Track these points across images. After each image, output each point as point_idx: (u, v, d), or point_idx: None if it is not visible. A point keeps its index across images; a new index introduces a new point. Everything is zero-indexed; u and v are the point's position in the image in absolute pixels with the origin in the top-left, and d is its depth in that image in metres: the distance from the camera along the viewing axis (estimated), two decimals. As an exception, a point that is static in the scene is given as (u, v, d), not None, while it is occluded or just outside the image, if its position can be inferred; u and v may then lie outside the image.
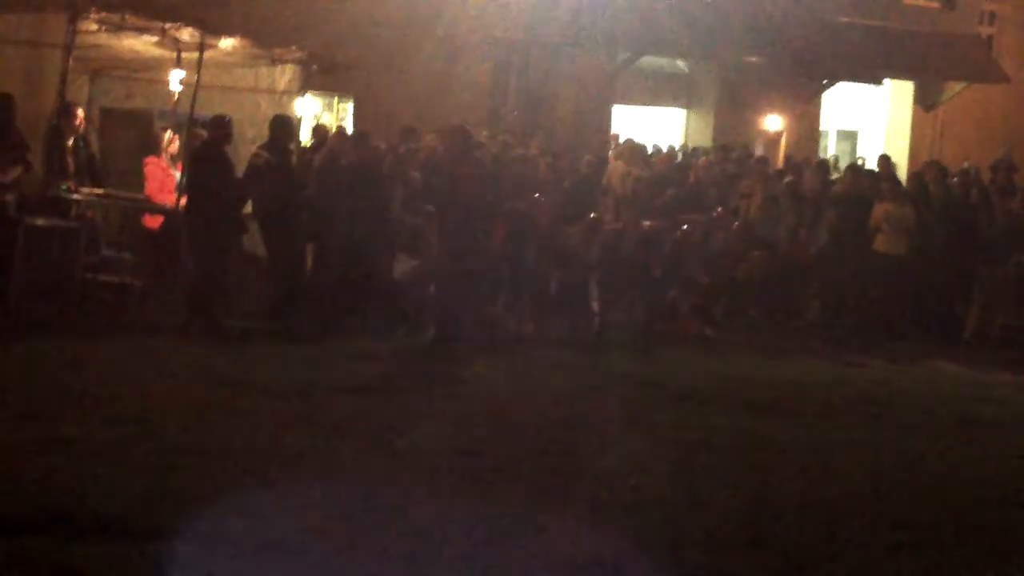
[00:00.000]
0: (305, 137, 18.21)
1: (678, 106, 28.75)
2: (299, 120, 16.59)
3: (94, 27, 14.02)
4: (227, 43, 14.92)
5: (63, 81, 13.86)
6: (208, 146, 13.98)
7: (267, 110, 14.96)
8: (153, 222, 15.09)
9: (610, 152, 21.19)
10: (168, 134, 15.66)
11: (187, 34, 14.49)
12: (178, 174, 15.30)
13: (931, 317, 17.25)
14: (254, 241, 14.47)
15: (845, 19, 28.34)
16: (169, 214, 14.61)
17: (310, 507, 7.26)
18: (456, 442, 9.09)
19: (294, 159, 15.14)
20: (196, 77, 14.82)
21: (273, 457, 8.31)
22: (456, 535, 6.94)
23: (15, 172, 13.31)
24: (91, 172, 14.67)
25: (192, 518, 6.82)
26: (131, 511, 6.88)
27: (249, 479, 7.74)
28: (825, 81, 28.31)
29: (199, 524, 6.75)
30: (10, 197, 13.08)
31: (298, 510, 7.18)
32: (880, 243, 16.88)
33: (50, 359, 11.05)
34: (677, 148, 23.67)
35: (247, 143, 15.50)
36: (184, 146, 15.09)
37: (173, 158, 15.56)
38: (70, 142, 14.20)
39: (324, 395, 10.52)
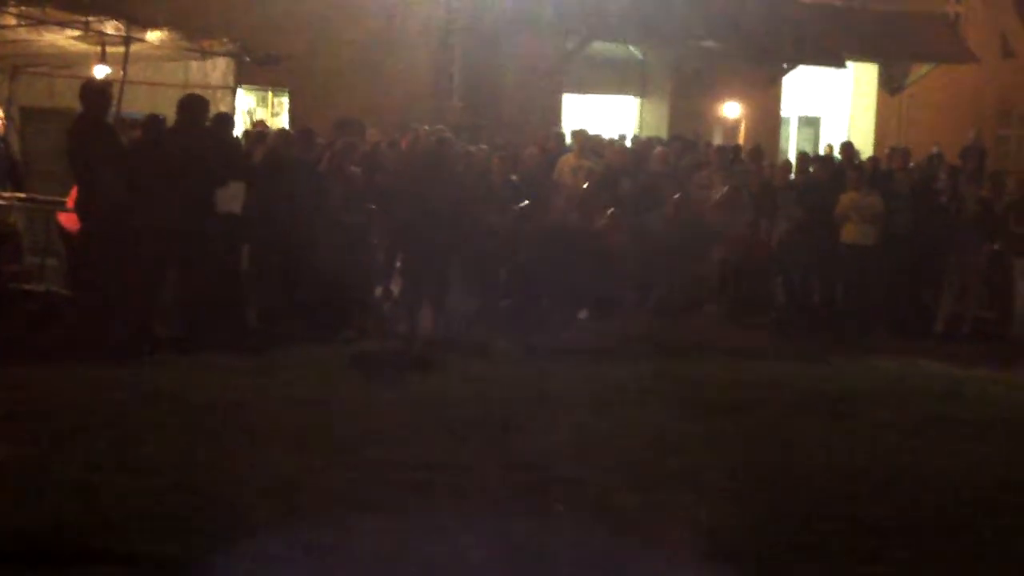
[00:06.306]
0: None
1: (631, 94, 28.84)
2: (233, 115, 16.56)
3: (13, 21, 13.99)
4: (154, 36, 14.88)
5: (-20, 80, 13.85)
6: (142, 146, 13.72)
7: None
8: (71, 223, 14.88)
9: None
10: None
11: (112, 27, 14.43)
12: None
13: (901, 310, 17.32)
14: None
15: (805, -1, 28.56)
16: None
17: (249, 524, 7.26)
18: (414, 456, 9.01)
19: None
20: (122, 73, 14.78)
21: (210, 472, 8.33)
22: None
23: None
24: (12, 175, 14.57)
25: (120, 539, 6.89)
26: (57, 534, 6.95)
27: (181, 496, 7.75)
28: (785, 65, 28.47)
29: (126, 545, 6.82)
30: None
31: (234, 527, 7.19)
32: (847, 233, 16.92)
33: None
34: (629, 138, 23.67)
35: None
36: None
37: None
38: (-11, 144, 14.15)
39: (265, 408, 10.42)
